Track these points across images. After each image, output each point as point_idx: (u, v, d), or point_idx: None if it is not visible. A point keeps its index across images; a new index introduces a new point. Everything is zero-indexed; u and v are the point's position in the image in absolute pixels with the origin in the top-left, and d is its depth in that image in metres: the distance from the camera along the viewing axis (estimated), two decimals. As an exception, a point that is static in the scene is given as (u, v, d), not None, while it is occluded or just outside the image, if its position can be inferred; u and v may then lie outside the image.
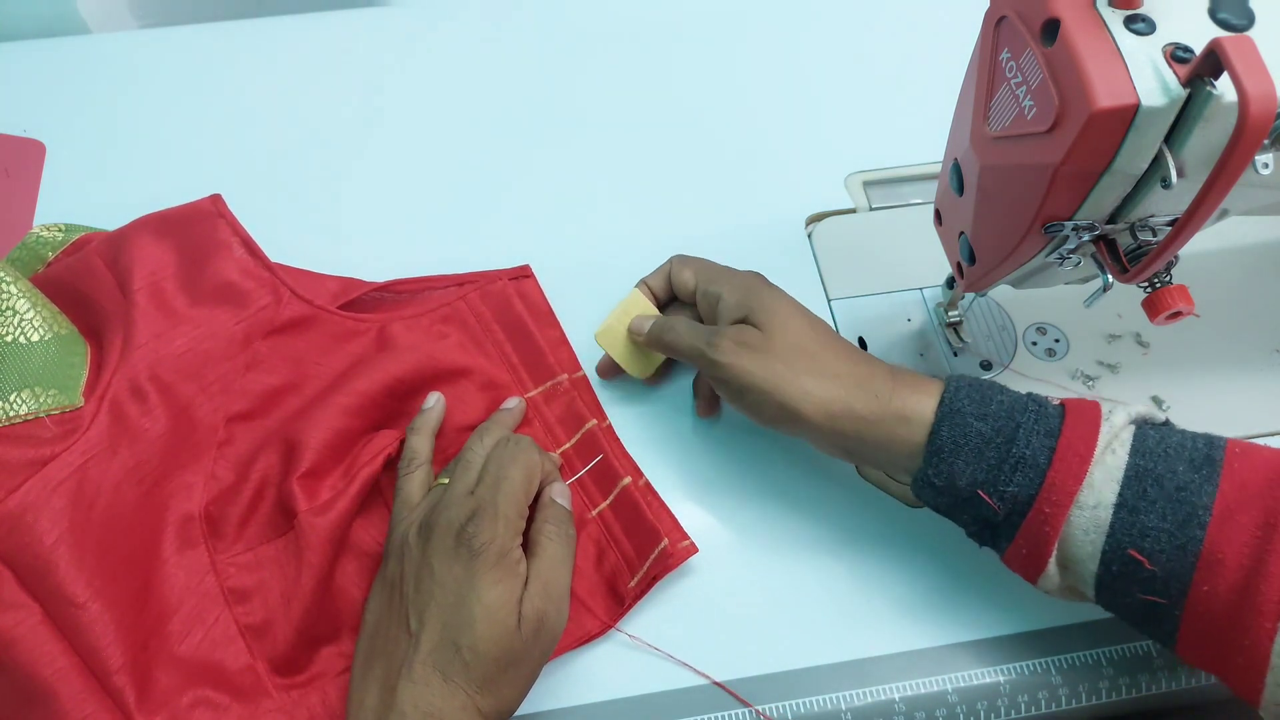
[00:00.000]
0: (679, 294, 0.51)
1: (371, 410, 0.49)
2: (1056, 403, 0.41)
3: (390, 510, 0.47)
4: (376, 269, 0.56)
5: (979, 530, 0.43)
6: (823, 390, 0.43)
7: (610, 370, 0.53)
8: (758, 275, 0.49)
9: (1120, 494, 0.38)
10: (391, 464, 0.49)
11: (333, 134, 0.63)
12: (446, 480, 0.45)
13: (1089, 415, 0.40)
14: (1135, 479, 0.38)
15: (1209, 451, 0.39)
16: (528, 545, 0.43)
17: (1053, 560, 0.40)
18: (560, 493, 0.45)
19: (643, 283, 0.52)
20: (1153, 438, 0.39)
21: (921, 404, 0.42)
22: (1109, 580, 0.39)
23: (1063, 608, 0.48)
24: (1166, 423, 0.42)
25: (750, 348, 0.44)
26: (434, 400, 0.49)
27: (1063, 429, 0.40)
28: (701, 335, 0.46)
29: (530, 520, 0.44)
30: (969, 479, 0.41)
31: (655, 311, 0.52)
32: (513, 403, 0.51)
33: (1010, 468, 0.40)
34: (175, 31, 0.67)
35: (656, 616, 0.48)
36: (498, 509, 0.41)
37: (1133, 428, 0.40)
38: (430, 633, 0.39)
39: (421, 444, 0.48)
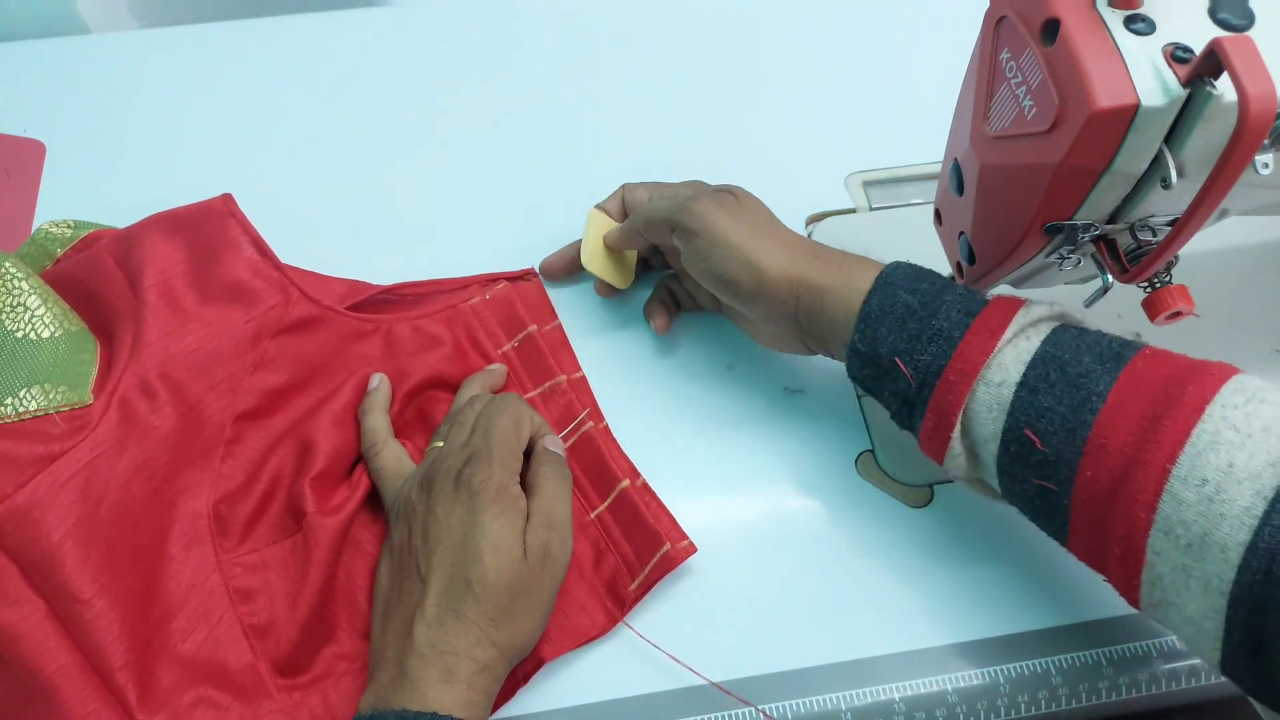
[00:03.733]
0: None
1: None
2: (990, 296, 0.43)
3: None
4: (378, 271, 0.56)
5: (898, 409, 0.45)
6: (784, 253, 0.46)
7: (605, 290, 0.56)
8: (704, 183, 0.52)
9: (1024, 374, 0.40)
10: None
11: (332, 135, 0.63)
12: (441, 443, 0.46)
13: (1010, 303, 0.42)
14: (1040, 362, 0.40)
15: (1120, 350, 0.39)
16: (526, 488, 0.45)
17: (956, 436, 0.42)
18: (553, 442, 0.48)
19: (599, 208, 0.56)
20: (1071, 333, 0.41)
21: (864, 276, 0.44)
22: (1007, 464, 0.41)
23: (1063, 607, 0.48)
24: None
25: (726, 207, 0.48)
26: (378, 381, 0.50)
27: (983, 309, 0.42)
28: (679, 194, 0.50)
29: (527, 471, 0.46)
30: (889, 346, 0.43)
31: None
32: (495, 366, 0.53)
33: (927, 338, 0.42)
34: (175, 31, 0.67)
35: (656, 616, 0.48)
36: (491, 451, 0.43)
37: (1055, 322, 0.42)
38: (440, 575, 0.41)
39: (378, 422, 0.49)
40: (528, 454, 0.46)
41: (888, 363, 0.43)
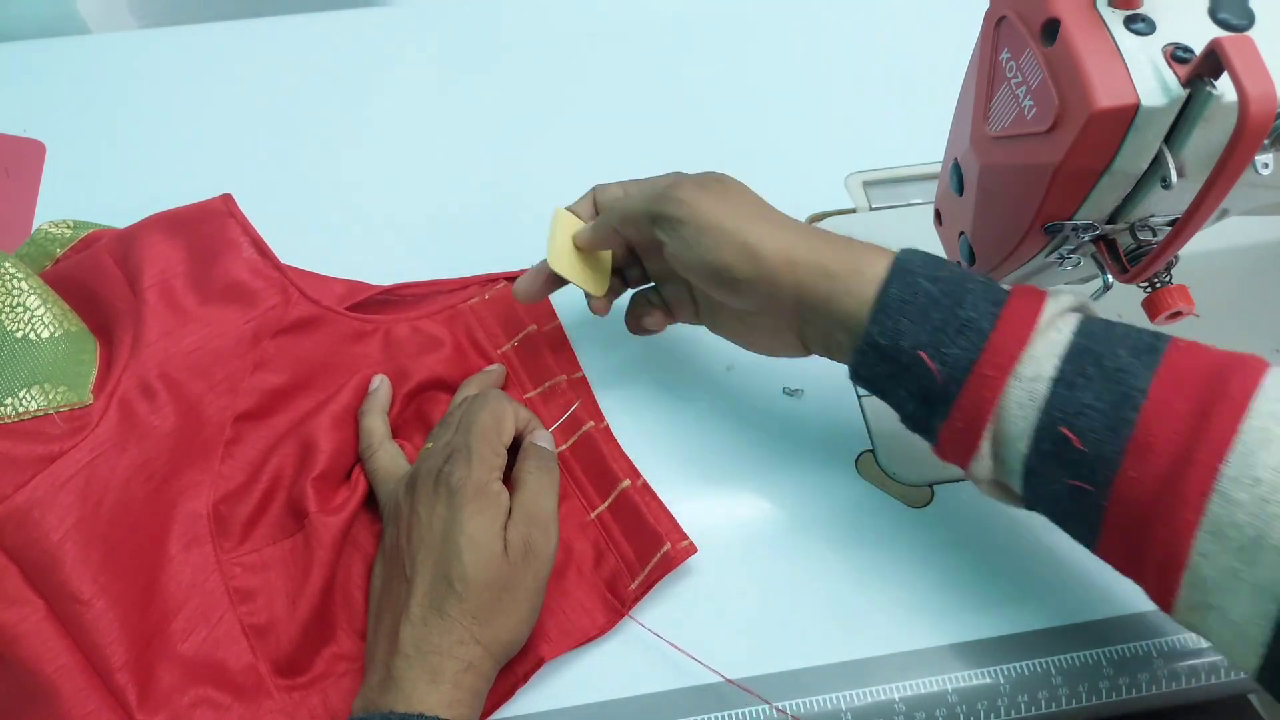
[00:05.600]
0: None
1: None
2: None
3: None
4: (378, 272, 0.56)
5: (915, 409, 0.41)
6: (783, 235, 0.43)
7: (600, 306, 0.51)
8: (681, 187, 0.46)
9: (1060, 368, 0.37)
10: None
11: (332, 135, 0.63)
12: (432, 444, 0.46)
13: (1034, 292, 0.40)
14: (1076, 355, 0.37)
15: (1153, 342, 0.37)
16: (512, 483, 0.45)
17: (986, 437, 0.39)
18: (542, 438, 0.47)
19: (567, 209, 0.51)
20: (1100, 324, 0.38)
21: (876, 261, 0.41)
22: (1037, 463, 0.38)
23: (1063, 608, 0.48)
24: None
25: (711, 190, 0.44)
26: (378, 382, 0.50)
27: (1009, 298, 0.39)
28: (657, 184, 0.46)
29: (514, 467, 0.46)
30: (912, 339, 0.40)
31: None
32: (494, 367, 0.53)
33: (954, 330, 0.39)
34: (175, 31, 0.67)
35: (655, 616, 0.48)
36: (470, 448, 0.43)
37: (1079, 314, 0.39)
38: (424, 575, 0.41)
39: (375, 423, 0.49)
40: (516, 449, 0.46)
41: (909, 357, 0.40)
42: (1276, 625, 0.33)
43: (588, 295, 0.50)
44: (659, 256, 0.47)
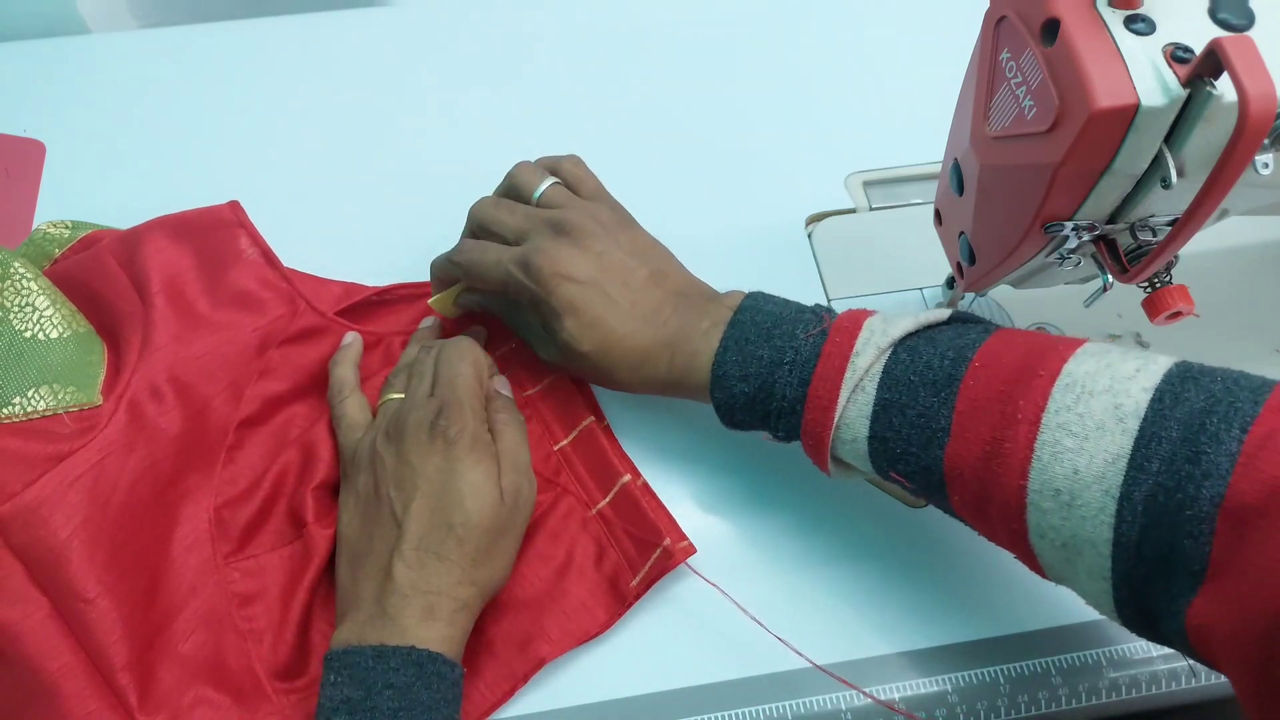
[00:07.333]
0: None
1: None
2: (823, 328, 0.43)
3: None
4: (377, 272, 0.56)
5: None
6: (629, 377, 0.47)
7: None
8: (540, 281, 0.47)
9: (871, 428, 0.42)
10: None
11: (332, 135, 0.63)
12: (398, 394, 0.48)
13: (841, 352, 0.42)
14: (882, 412, 0.41)
15: (952, 370, 0.40)
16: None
17: (832, 469, 0.44)
18: (501, 384, 0.50)
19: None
20: (903, 364, 0.41)
21: (700, 368, 0.45)
22: (899, 489, 0.44)
23: (1063, 608, 0.48)
24: (951, 320, 0.43)
25: (586, 289, 0.47)
26: (351, 338, 0.52)
27: (814, 371, 0.43)
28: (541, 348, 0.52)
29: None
30: (749, 425, 0.46)
31: None
32: (428, 322, 0.54)
33: (775, 418, 0.44)
34: (175, 31, 0.67)
35: (655, 615, 0.48)
36: (462, 401, 0.45)
37: (885, 358, 0.42)
38: (418, 522, 0.43)
39: (347, 373, 0.50)
40: None
41: (757, 430, 0.46)
42: (1116, 600, 0.37)
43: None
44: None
